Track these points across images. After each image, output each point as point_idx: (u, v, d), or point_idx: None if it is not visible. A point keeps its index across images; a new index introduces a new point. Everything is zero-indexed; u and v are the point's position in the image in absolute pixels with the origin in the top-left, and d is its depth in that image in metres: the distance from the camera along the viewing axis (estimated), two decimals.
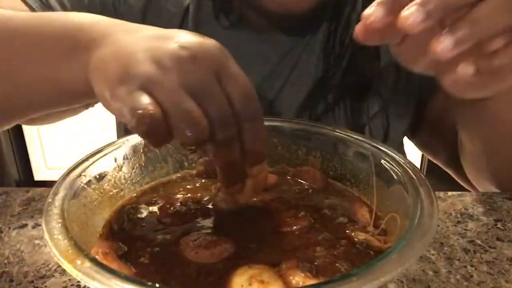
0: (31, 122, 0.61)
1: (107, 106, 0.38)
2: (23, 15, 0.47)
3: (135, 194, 0.51)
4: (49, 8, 0.64)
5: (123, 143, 0.51)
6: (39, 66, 0.45)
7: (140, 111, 0.33)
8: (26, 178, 2.51)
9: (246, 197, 0.45)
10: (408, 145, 0.87)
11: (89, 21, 0.43)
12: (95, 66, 0.39)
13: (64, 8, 0.65)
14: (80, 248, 0.33)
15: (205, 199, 0.50)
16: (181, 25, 0.70)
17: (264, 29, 0.71)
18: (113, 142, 0.51)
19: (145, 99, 0.34)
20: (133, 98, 0.34)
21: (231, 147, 0.37)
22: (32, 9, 0.62)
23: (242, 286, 0.36)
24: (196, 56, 0.36)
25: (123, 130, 0.84)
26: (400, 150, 0.79)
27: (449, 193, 0.71)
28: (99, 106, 0.73)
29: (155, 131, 0.34)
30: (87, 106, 0.69)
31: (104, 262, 0.36)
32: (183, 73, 0.35)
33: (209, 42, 0.38)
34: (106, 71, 0.37)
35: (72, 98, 0.46)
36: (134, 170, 0.52)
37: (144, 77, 0.35)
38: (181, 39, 0.37)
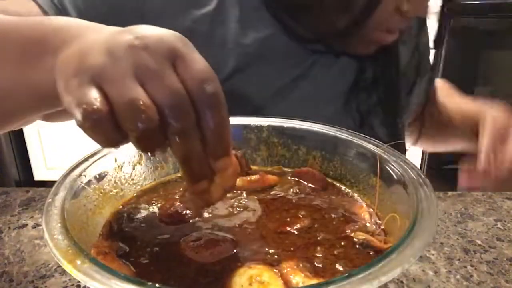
0: (47, 120, 0.60)
1: (63, 102, 0.36)
2: (6, 18, 0.47)
3: (135, 194, 0.51)
4: (63, 10, 0.64)
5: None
6: (10, 69, 0.43)
7: (84, 106, 0.32)
8: (26, 178, 2.51)
9: (216, 197, 0.39)
10: (409, 145, 0.88)
11: (62, 25, 0.42)
12: (59, 66, 0.38)
13: (79, 11, 0.65)
14: (80, 248, 0.33)
15: None
16: None
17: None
18: None
19: (92, 93, 0.32)
20: (81, 91, 0.32)
21: (188, 138, 0.34)
22: (45, 12, 0.62)
23: (242, 286, 0.36)
24: (149, 44, 0.34)
25: None
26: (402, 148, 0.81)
27: (449, 193, 0.71)
28: None
29: (100, 126, 0.32)
30: None
31: (104, 262, 0.36)
32: (133, 62, 0.33)
33: (166, 32, 0.35)
34: (66, 68, 0.36)
35: (45, 102, 0.43)
36: (134, 170, 0.52)
37: (95, 69, 0.33)
38: (138, 31, 0.35)
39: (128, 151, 0.51)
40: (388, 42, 0.71)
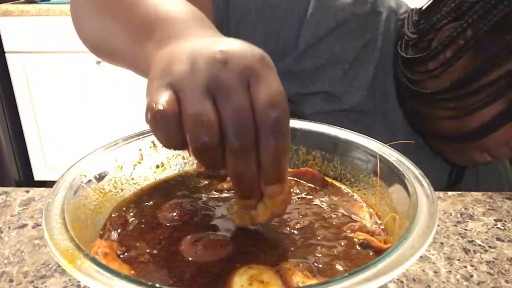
0: None
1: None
2: None
3: (135, 194, 0.51)
4: None
5: (123, 143, 0.51)
6: (125, 38, 0.50)
7: (154, 104, 0.33)
8: (26, 178, 2.52)
9: (262, 218, 0.39)
10: None
11: (172, 16, 0.45)
12: (155, 61, 0.39)
13: None
14: (80, 248, 0.33)
15: (205, 199, 0.50)
16: None
17: None
18: (113, 142, 0.51)
19: (165, 96, 0.34)
20: (157, 93, 0.34)
21: (244, 157, 0.34)
22: None
23: (242, 286, 0.36)
24: (229, 59, 0.34)
25: None
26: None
27: (449, 193, 0.71)
28: (98, 106, 0.73)
29: (163, 127, 0.33)
30: None
31: (104, 262, 0.36)
32: (210, 75, 0.34)
33: (250, 49, 0.35)
34: (156, 68, 0.37)
35: (142, 73, 0.48)
36: (134, 170, 0.52)
37: (175, 75, 0.35)
38: (225, 45, 0.35)
39: (128, 151, 0.51)
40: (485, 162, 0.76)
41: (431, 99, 0.71)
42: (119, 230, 0.45)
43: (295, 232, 0.44)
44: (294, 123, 0.56)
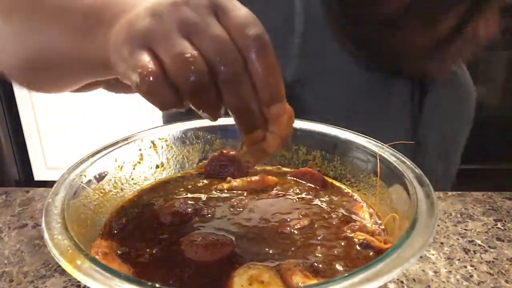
0: (108, 90, 0.61)
1: (117, 73, 0.37)
2: None
3: (135, 194, 0.51)
4: None
5: (123, 143, 0.51)
6: (68, 36, 0.45)
7: (139, 70, 0.32)
8: (26, 178, 2.51)
9: (273, 146, 0.38)
10: None
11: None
12: (112, 38, 0.38)
13: None
14: (80, 248, 0.33)
15: (205, 199, 0.50)
16: None
17: None
18: (113, 142, 0.51)
19: (144, 57, 0.33)
20: (133, 58, 0.34)
21: (239, 84, 0.34)
22: None
23: (242, 286, 0.36)
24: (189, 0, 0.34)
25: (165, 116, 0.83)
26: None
27: (449, 193, 0.71)
28: (98, 106, 0.73)
29: (157, 88, 0.33)
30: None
31: (104, 262, 0.36)
32: (176, 18, 0.34)
33: None
34: (117, 39, 0.37)
35: (95, 71, 0.45)
36: (134, 170, 0.52)
37: (142, 33, 0.34)
38: None
39: (128, 151, 0.51)
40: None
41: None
42: (119, 230, 0.45)
43: (295, 232, 0.44)
44: (294, 123, 0.56)
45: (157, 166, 0.55)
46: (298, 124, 0.55)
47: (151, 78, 0.32)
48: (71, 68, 0.46)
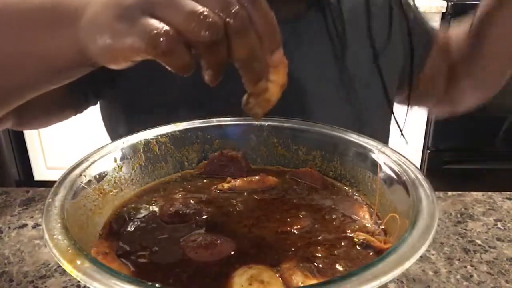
0: (19, 125, 0.59)
1: (112, 54, 0.37)
2: None
3: (135, 194, 0.51)
4: None
5: (123, 143, 0.51)
6: (23, 38, 0.43)
7: (154, 32, 0.33)
8: (26, 178, 2.51)
9: (275, 94, 0.42)
10: (409, 145, 0.87)
11: None
12: (85, 30, 0.38)
13: None
14: (80, 248, 0.33)
15: (205, 199, 0.50)
16: None
17: None
18: (113, 142, 0.51)
19: (152, 21, 0.33)
20: (140, 25, 0.34)
21: (247, 33, 0.36)
22: None
23: (242, 286, 0.36)
24: None
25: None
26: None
27: (449, 193, 0.71)
28: (98, 106, 0.73)
29: (174, 47, 0.33)
30: (76, 112, 0.68)
31: (104, 262, 0.36)
32: None
33: None
34: (101, 24, 0.37)
35: (58, 75, 0.44)
36: (134, 170, 0.52)
37: (140, 2, 0.35)
38: None
39: (128, 151, 0.51)
40: None
41: None
42: (119, 230, 0.45)
43: (295, 232, 0.44)
44: (294, 123, 0.56)
45: (157, 166, 0.55)
46: (298, 124, 0.55)
47: (168, 37, 0.33)
48: (27, 76, 0.44)
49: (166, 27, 0.33)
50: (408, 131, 0.76)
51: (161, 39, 0.33)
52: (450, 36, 0.81)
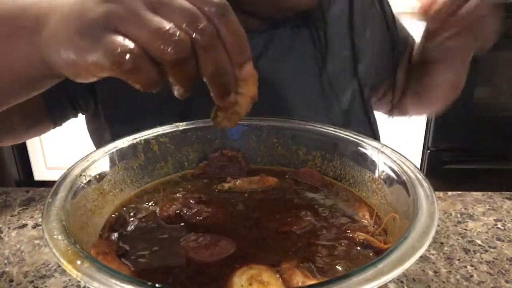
0: None
1: (76, 69, 0.36)
2: None
3: (135, 194, 0.51)
4: None
5: (123, 143, 0.51)
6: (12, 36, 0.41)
7: (118, 50, 0.32)
8: (26, 178, 2.51)
9: (245, 106, 0.41)
10: (409, 145, 0.87)
11: (28, 3, 0.40)
12: (48, 42, 0.37)
13: None
14: (80, 248, 0.33)
15: (205, 199, 0.50)
16: None
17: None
18: (113, 142, 0.51)
19: (117, 38, 0.32)
20: (104, 42, 0.33)
21: (215, 48, 0.35)
22: None
23: (242, 286, 0.36)
24: None
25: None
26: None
27: (449, 193, 0.71)
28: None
29: (139, 64, 0.32)
30: (55, 125, 0.67)
31: (104, 262, 0.36)
32: None
33: None
34: (63, 38, 0.36)
35: (29, 83, 0.42)
36: (134, 170, 0.52)
37: (103, 17, 0.33)
38: None
39: (128, 151, 0.51)
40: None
41: None
42: (119, 230, 0.45)
43: (295, 232, 0.44)
44: (294, 123, 0.56)
45: (157, 166, 0.54)
46: (298, 124, 0.55)
47: (132, 55, 0.32)
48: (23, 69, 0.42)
49: (131, 45, 0.32)
50: (408, 131, 0.76)
51: (126, 57, 0.32)
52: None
